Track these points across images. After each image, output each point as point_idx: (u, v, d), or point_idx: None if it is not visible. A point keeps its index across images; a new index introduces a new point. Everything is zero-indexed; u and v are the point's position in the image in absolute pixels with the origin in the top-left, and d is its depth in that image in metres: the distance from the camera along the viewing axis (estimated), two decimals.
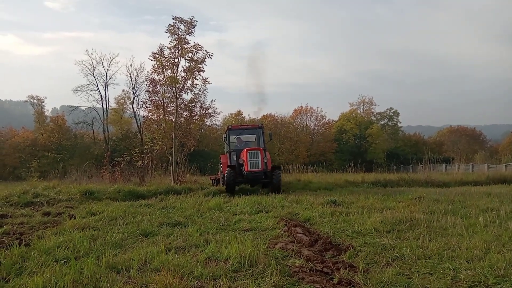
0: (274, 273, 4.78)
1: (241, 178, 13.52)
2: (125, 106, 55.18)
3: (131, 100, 54.38)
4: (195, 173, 19.22)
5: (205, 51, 16.83)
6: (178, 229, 7.42)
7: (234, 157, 14.25)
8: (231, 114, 63.38)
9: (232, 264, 5.17)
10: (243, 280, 4.64)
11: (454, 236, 6.72)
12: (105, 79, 53.12)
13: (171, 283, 4.09)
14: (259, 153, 13.41)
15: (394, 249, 6.01)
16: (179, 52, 16.75)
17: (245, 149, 13.44)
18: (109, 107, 55.14)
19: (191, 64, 16.80)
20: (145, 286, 4.33)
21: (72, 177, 17.63)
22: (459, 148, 72.66)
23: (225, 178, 12.98)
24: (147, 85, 17.82)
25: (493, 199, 10.62)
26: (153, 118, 17.88)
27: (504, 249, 5.77)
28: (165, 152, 17.52)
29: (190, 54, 16.61)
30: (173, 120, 16.98)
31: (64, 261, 5.12)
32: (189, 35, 16.76)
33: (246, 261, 5.23)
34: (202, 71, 16.86)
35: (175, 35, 16.61)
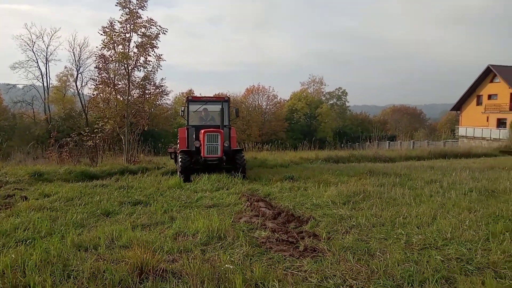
0: (244, 244, 4.97)
1: (198, 165, 11.35)
2: (67, 83, 52.35)
3: (74, 77, 51.71)
4: (149, 153, 18.83)
5: (159, 26, 16.27)
6: (140, 208, 7.37)
7: (193, 136, 11.93)
8: (182, 93, 62.26)
9: (201, 238, 5.30)
10: (214, 251, 4.78)
11: (403, 206, 7.28)
12: (45, 55, 49.97)
13: (145, 257, 4.13)
14: (219, 137, 11.14)
15: (351, 219, 6.42)
16: (131, 27, 16.08)
17: (203, 131, 11.16)
18: (50, 85, 52.10)
19: (144, 39, 16.22)
20: (117, 262, 4.34)
21: (16, 159, 16.66)
22: (402, 126, 76.68)
23: (180, 165, 11.01)
24: (96, 61, 16.99)
25: (435, 172, 11.50)
26: (102, 96, 17.16)
27: (448, 216, 6.36)
28: (116, 132, 16.97)
29: (143, 29, 15.99)
30: (125, 98, 16.43)
31: (27, 242, 4.96)
32: (142, 9, 16.09)
33: (215, 235, 5.38)
34: (155, 47, 16.34)
35: (127, 9, 15.87)
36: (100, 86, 16.89)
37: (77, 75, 51.18)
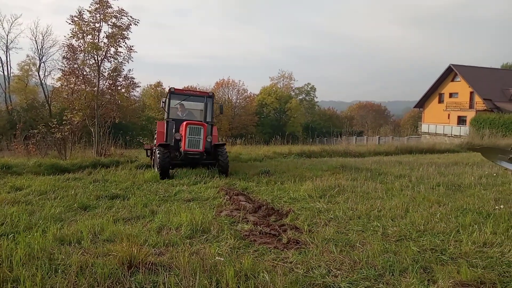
0: (229, 237, 5.06)
1: (178, 160, 10.69)
2: (30, 73, 50.19)
3: (37, 66, 49.68)
4: (119, 146, 18.45)
5: (130, 17, 15.97)
6: (118, 202, 7.30)
7: (173, 130, 11.35)
8: (150, 85, 61.16)
9: (185, 231, 5.34)
10: (200, 244, 4.85)
11: (377, 199, 7.58)
12: (6, 42, 47.70)
13: (133, 251, 4.14)
14: (202, 130, 10.51)
15: (328, 212, 6.64)
16: (101, 17, 15.68)
17: (185, 123, 10.52)
18: (11, 74, 49.78)
19: (115, 30, 15.85)
20: (104, 256, 4.32)
21: None
22: (367, 122, 78.81)
23: (158, 160, 10.07)
24: (64, 51, 16.44)
25: (404, 167, 11.98)
26: (71, 87, 16.66)
27: (420, 209, 6.70)
28: (86, 124, 16.53)
29: (113, 20, 15.62)
30: (94, 89, 16.03)
31: (7, 237, 4.84)
32: None
33: (199, 228, 5.44)
34: (126, 38, 16.02)
35: None
36: (68, 76, 16.40)
37: (40, 64, 49.30)
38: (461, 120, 47.14)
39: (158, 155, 10.12)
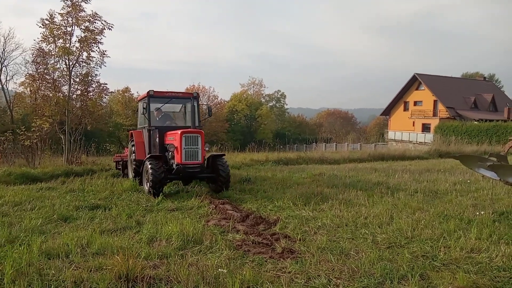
0: (223, 247, 4.99)
1: (172, 174, 9.16)
2: None
3: None
4: (90, 153, 17.88)
5: (104, 21, 15.58)
6: (100, 212, 7.06)
7: (156, 140, 9.93)
8: (118, 91, 59.72)
9: (176, 242, 5.22)
10: (195, 256, 4.75)
11: (360, 206, 7.71)
12: None
13: (129, 264, 4.00)
14: (200, 139, 9.16)
15: (316, 220, 6.68)
16: (73, 21, 15.21)
17: (180, 131, 9.04)
18: None
19: (87, 34, 15.41)
20: (97, 270, 4.16)
21: None
22: (335, 129, 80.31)
23: (151, 175, 8.62)
24: (34, 55, 15.80)
25: (380, 174, 12.27)
26: (40, 92, 16.03)
27: (403, 215, 6.86)
28: (55, 131, 15.91)
29: (86, 24, 15.19)
30: (65, 95, 15.49)
31: None
32: (85, 2, 15.29)
33: (190, 239, 5.34)
34: (100, 43, 15.59)
35: (68, 1, 14.99)
36: (32, 81, 15.79)
37: (1, 68, 47.11)
38: (425, 128, 48.92)
39: (150, 170, 8.66)
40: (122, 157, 12.37)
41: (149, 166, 8.72)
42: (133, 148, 10.51)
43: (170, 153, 9.46)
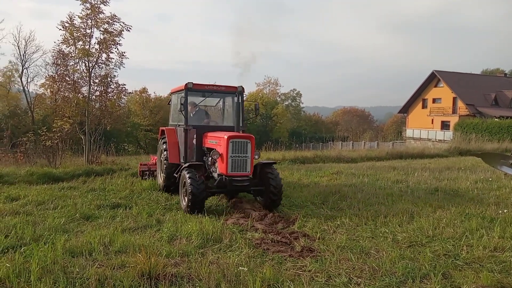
0: (242, 246, 5.02)
1: (214, 187, 7.52)
2: (12, 79, 49.04)
3: (20, 72, 48.58)
4: (110, 153, 18.16)
5: (123, 23, 15.77)
6: (120, 211, 7.17)
7: (194, 141, 8.44)
8: (135, 91, 60.44)
9: (196, 240, 5.27)
10: (215, 254, 4.79)
11: (379, 205, 7.65)
12: None
13: (152, 262, 4.07)
14: (250, 145, 7.49)
15: (334, 219, 6.65)
16: (93, 23, 15.46)
17: (226, 136, 7.35)
18: None
19: (106, 36, 15.64)
20: (121, 267, 4.24)
21: None
22: (352, 128, 79.54)
23: (190, 187, 6.94)
24: (54, 57, 16.12)
25: (398, 172, 12.12)
26: (61, 94, 16.36)
27: (424, 214, 6.78)
28: (75, 131, 16.22)
29: (105, 26, 15.42)
30: (85, 96, 15.77)
31: (14, 249, 4.70)
32: (104, 4, 15.52)
33: (210, 237, 5.38)
34: (119, 44, 15.80)
35: (88, 3, 15.24)
36: (52, 83, 16.11)
37: (23, 70, 48.13)
38: (444, 125, 48.05)
39: (190, 183, 6.99)
40: (149, 166, 11.14)
41: (189, 181, 7.04)
42: (164, 147, 9.13)
43: (210, 158, 7.95)
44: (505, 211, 6.59)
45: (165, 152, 8.99)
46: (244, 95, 8.74)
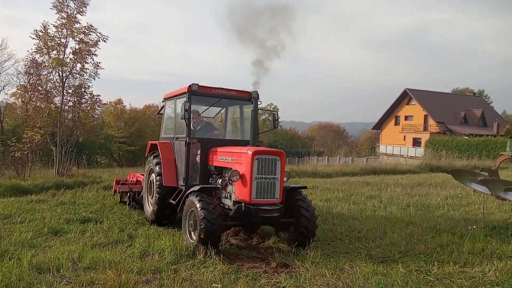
0: (216, 262, 4.94)
1: (232, 217, 5.82)
2: None
3: None
4: (81, 165, 17.69)
5: (99, 33, 15.57)
6: (91, 225, 6.95)
7: (198, 157, 6.81)
8: (110, 102, 59.41)
9: (168, 256, 5.16)
10: (188, 271, 4.70)
11: (353, 220, 7.73)
12: None
13: (122, 279, 3.95)
14: (279, 163, 5.86)
15: None
16: (68, 32, 15.21)
17: (251, 151, 5.72)
18: None
19: (82, 46, 15.40)
20: (89, 285, 4.09)
21: None
22: (327, 143, 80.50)
23: (203, 220, 5.24)
24: (27, 66, 15.75)
25: (372, 188, 12.31)
26: (32, 104, 15.94)
27: (396, 229, 6.89)
28: (46, 142, 15.76)
29: (81, 35, 15.19)
30: (58, 106, 15.40)
31: None
32: (80, 14, 15.32)
33: (183, 253, 5.28)
34: (94, 55, 15.57)
35: (63, 13, 15.02)
36: (24, 92, 15.71)
37: None
38: (416, 142, 49.36)
39: (201, 212, 5.33)
40: (130, 186, 8.88)
41: (201, 212, 5.33)
42: (156, 169, 7.18)
43: (221, 180, 6.38)
44: (474, 227, 6.77)
45: (157, 171, 7.14)
46: (257, 101, 7.13)
